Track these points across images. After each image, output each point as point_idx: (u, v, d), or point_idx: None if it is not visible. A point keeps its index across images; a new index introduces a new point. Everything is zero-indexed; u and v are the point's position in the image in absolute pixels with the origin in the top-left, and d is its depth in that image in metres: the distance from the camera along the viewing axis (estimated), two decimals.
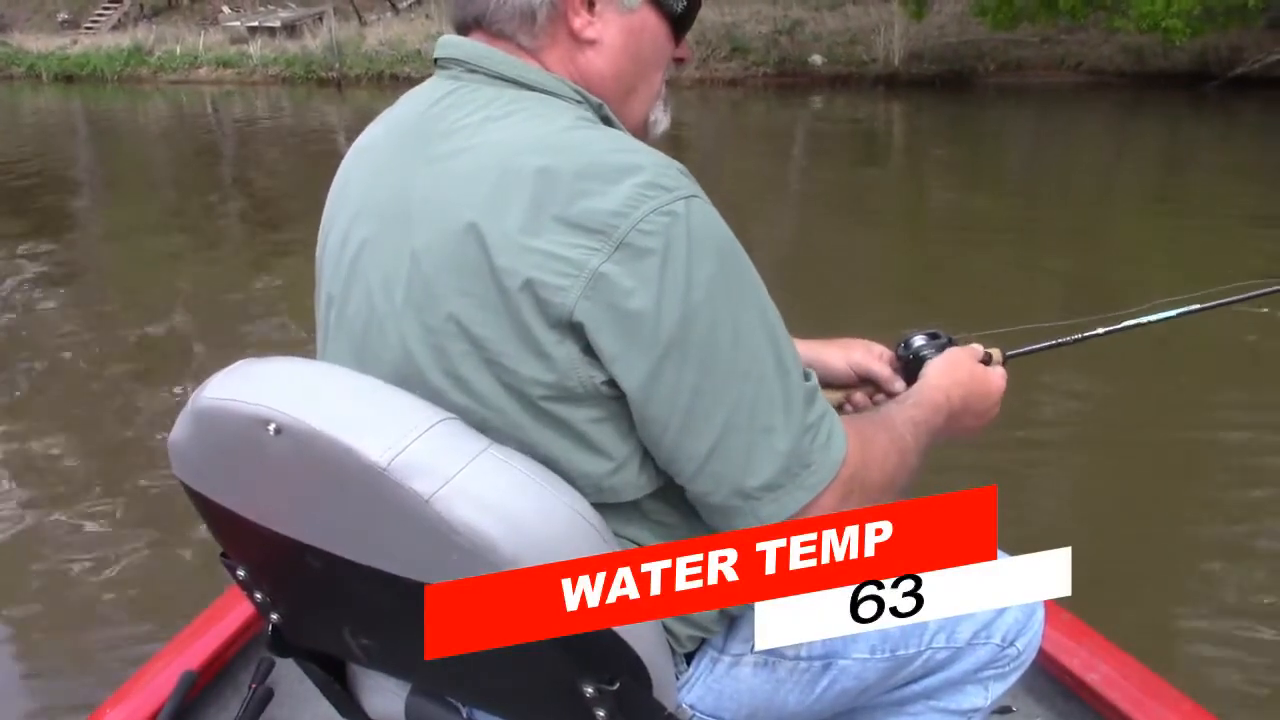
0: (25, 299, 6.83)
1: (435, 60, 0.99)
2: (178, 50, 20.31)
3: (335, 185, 1.03)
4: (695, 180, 0.88)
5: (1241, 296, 1.38)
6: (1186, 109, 12.79)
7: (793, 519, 0.88)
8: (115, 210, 10.33)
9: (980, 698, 1.16)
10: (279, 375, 0.92)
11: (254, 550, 0.99)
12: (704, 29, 16.73)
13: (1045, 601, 1.20)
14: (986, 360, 1.22)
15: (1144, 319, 1.35)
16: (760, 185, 9.75)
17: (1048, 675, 1.59)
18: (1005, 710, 1.57)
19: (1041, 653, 1.50)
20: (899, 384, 1.23)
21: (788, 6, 17.67)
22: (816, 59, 16.13)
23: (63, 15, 23.66)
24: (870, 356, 1.26)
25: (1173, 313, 1.36)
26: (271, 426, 0.84)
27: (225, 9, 22.48)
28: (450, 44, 0.98)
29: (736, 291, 0.86)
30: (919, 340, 1.22)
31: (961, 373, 1.14)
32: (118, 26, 22.52)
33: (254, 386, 0.89)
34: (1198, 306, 1.37)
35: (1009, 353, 1.29)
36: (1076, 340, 1.35)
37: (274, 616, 1.04)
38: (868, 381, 1.27)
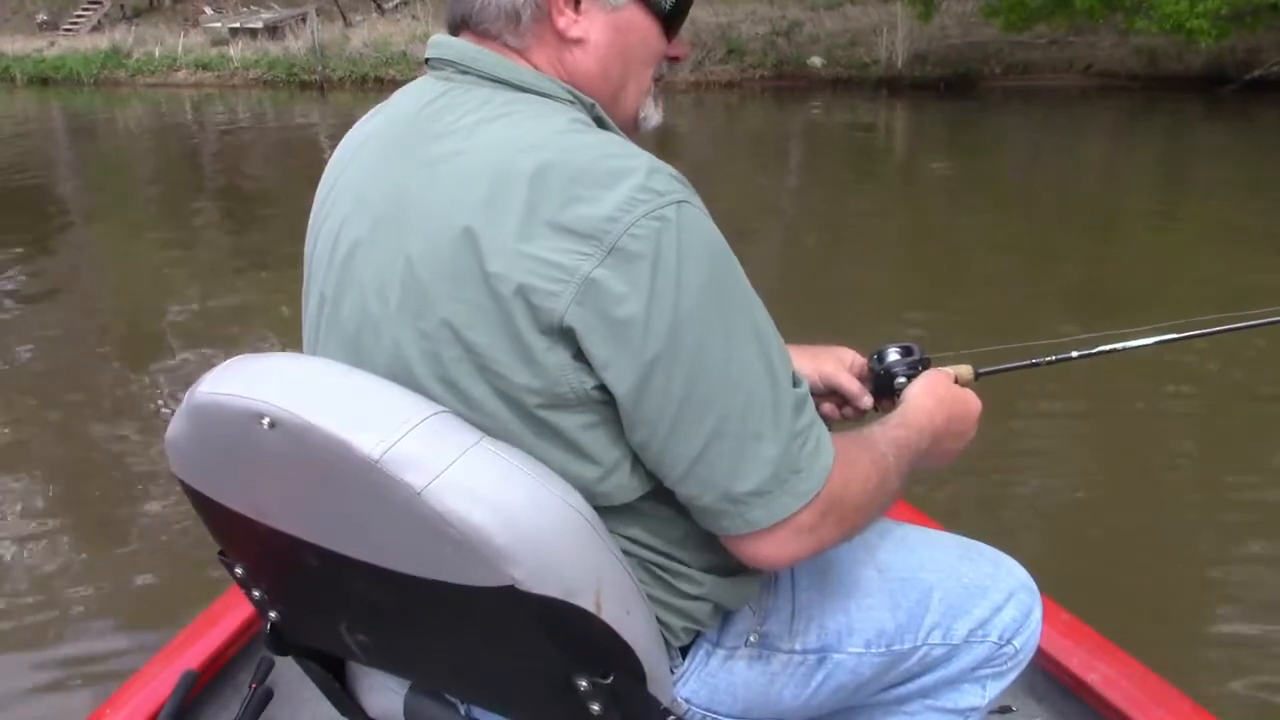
0: (4, 303, 6.87)
1: (426, 60, 1.02)
2: (157, 52, 20.35)
3: (324, 183, 1.05)
4: (690, 185, 0.90)
5: (1221, 329, 1.39)
6: (1201, 113, 12.84)
7: (778, 525, 0.91)
8: (97, 215, 10.35)
9: (978, 696, 1.19)
10: (273, 370, 0.94)
11: (251, 547, 1.01)
12: (698, 30, 16.79)
13: (1044, 600, 1.23)
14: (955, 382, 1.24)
15: (1120, 345, 1.37)
16: (756, 190, 9.79)
17: (1047, 675, 1.63)
18: (1005, 710, 1.60)
19: (1041, 652, 1.54)
20: (866, 399, 1.28)
21: (784, 7, 17.74)
22: (816, 61, 16.19)
23: (41, 16, 23.70)
24: (841, 368, 1.30)
25: (1150, 340, 1.38)
26: (265, 421, 0.86)
27: (207, 10, 22.53)
28: (441, 44, 1.00)
29: (727, 297, 0.88)
30: (892, 355, 1.25)
31: (942, 390, 1.17)
32: (97, 28, 22.57)
33: (248, 381, 0.91)
34: (1175, 336, 1.38)
35: (980, 370, 1.31)
36: (1050, 362, 1.37)
37: (272, 614, 1.07)
38: (835, 393, 1.30)
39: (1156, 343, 1.38)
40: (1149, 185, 9.74)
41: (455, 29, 1.02)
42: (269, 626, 1.08)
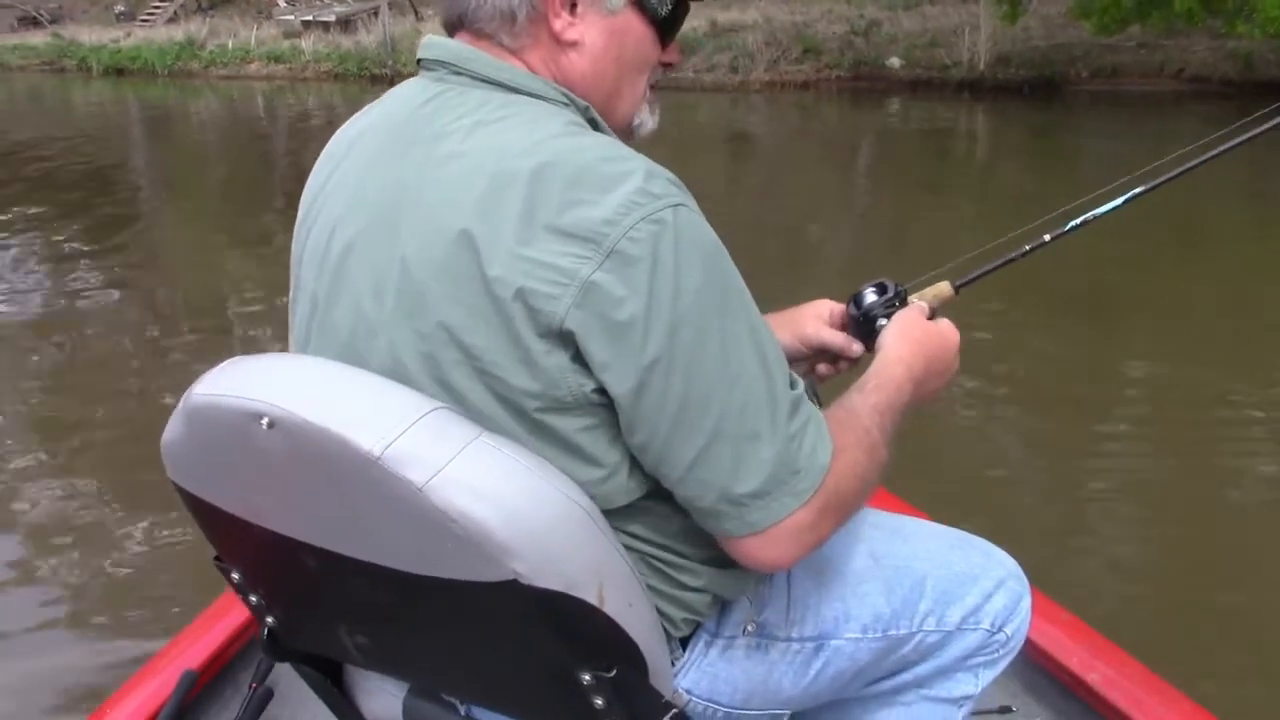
0: (77, 290, 7.09)
1: (419, 61, 1.03)
2: (230, 44, 20.88)
3: (312, 184, 1.07)
4: (685, 189, 0.92)
5: (1194, 163, 1.37)
6: None
7: (777, 526, 0.92)
8: (169, 202, 10.65)
9: (971, 685, 1.22)
10: (270, 370, 0.95)
11: (248, 551, 1.02)
12: (774, 29, 16.77)
13: (1044, 600, 1.25)
14: (933, 315, 1.24)
15: (1091, 214, 1.34)
16: (828, 191, 9.72)
17: (1047, 674, 1.63)
18: (1005, 710, 1.61)
19: (1042, 652, 1.55)
20: (855, 347, 1.27)
21: (862, 6, 17.60)
22: (894, 62, 16.01)
23: (119, 7, 24.51)
24: (821, 325, 1.29)
25: (1120, 200, 1.35)
26: (264, 420, 0.87)
27: (280, 2, 23.07)
28: (435, 45, 1.02)
29: (723, 300, 0.90)
30: (870, 297, 1.25)
31: (917, 332, 1.17)
32: (173, 19, 23.25)
33: (245, 382, 0.92)
34: (1143, 189, 1.36)
35: (958, 283, 1.31)
36: (1027, 253, 1.35)
37: (270, 619, 1.08)
38: (825, 351, 1.29)
39: (1126, 200, 1.36)
40: (1238, 198, 9.44)
41: (451, 28, 1.04)
42: (266, 632, 1.09)
